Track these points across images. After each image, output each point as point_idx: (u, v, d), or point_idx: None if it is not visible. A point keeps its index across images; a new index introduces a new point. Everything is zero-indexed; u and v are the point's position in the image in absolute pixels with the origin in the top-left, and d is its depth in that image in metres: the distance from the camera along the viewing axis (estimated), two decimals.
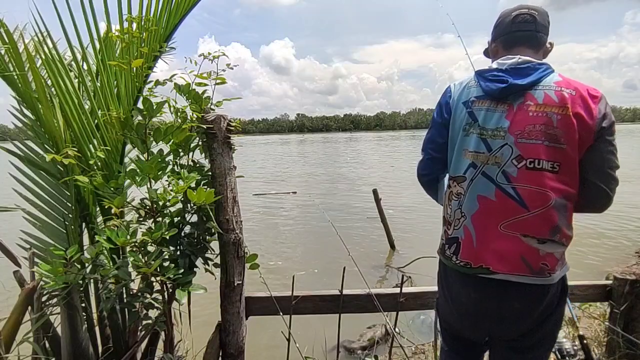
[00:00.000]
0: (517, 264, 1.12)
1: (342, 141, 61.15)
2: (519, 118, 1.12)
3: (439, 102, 1.33)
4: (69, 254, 1.40)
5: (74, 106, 1.60)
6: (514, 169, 1.12)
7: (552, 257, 1.12)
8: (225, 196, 1.58)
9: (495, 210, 1.14)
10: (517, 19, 1.21)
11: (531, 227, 1.11)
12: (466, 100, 1.23)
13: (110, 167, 1.68)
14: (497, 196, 1.14)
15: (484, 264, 1.15)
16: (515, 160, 1.11)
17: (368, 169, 18.44)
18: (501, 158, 1.13)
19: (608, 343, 1.95)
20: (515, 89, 1.14)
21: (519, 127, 1.12)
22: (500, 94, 1.15)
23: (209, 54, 1.57)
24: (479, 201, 1.17)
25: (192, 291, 1.48)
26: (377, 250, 6.05)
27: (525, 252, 1.11)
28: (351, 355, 3.18)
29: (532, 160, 1.10)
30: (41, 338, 1.65)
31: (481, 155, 1.17)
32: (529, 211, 1.10)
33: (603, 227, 6.80)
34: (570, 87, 1.11)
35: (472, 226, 1.19)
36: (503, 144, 1.13)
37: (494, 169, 1.14)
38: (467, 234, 1.20)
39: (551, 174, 1.09)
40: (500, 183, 1.13)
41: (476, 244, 1.17)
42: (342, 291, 1.83)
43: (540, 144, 1.09)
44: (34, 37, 1.68)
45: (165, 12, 1.66)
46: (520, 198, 1.11)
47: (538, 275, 1.11)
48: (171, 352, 1.67)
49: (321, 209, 8.25)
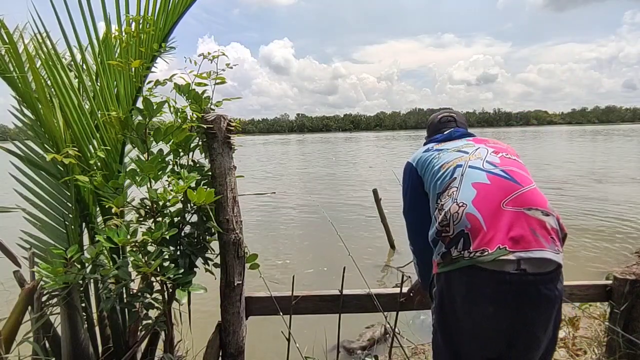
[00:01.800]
0: (530, 239, 1.09)
1: (340, 141, 61.13)
2: (475, 140, 1.46)
3: (404, 175, 1.56)
4: (69, 254, 1.40)
5: (74, 106, 1.60)
6: (495, 158, 1.31)
7: (557, 233, 1.15)
8: (225, 196, 1.58)
9: (493, 190, 1.20)
10: (442, 119, 1.66)
11: (532, 200, 1.17)
12: (425, 149, 1.53)
13: (110, 167, 1.68)
14: (490, 179, 1.23)
15: (500, 245, 1.08)
16: (493, 153, 1.33)
17: (368, 169, 18.45)
18: (480, 154, 1.33)
19: (608, 343, 1.95)
20: (458, 134, 1.54)
21: (482, 142, 1.43)
22: (449, 136, 1.55)
23: (209, 54, 1.57)
24: (475, 187, 1.21)
25: (192, 291, 1.48)
26: (377, 250, 6.04)
27: (534, 225, 1.12)
28: (351, 355, 3.18)
29: (507, 153, 1.34)
30: (41, 338, 1.65)
31: (463, 157, 1.35)
32: (522, 186, 1.19)
33: (603, 227, 6.80)
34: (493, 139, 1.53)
35: (476, 210, 1.16)
36: (477, 147, 1.38)
37: (478, 161, 1.30)
38: (473, 220, 1.15)
39: (525, 167, 1.30)
40: (488, 169, 1.27)
41: (486, 227, 1.13)
42: (342, 291, 1.83)
43: (505, 148, 1.40)
44: (33, 38, 1.68)
45: (162, 12, 1.66)
46: (511, 176, 1.22)
47: (550, 249, 1.10)
48: (171, 352, 1.67)
49: (321, 209, 8.24)
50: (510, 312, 1.10)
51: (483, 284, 1.11)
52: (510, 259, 1.07)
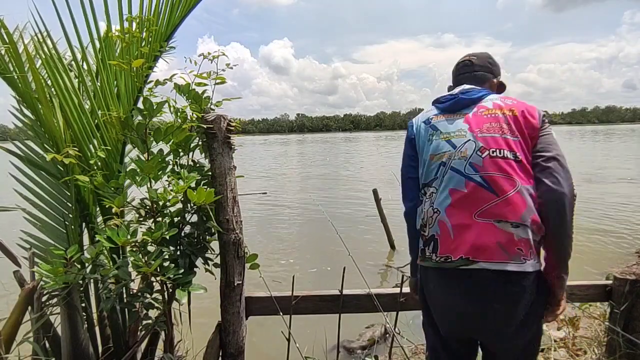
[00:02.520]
0: (494, 250, 1.15)
1: (340, 141, 61.12)
2: (475, 120, 1.29)
3: (406, 137, 1.49)
4: (69, 254, 1.40)
5: (74, 106, 1.60)
6: (479, 159, 1.22)
7: (526, 242, 1.15)
8: (225, 196, 1.58)
9: (467, 200, 1.21)
10: (459, 65, 1.50)
11: (503, 212, 1.16)
12: (426, 119, 1.41)
13: (111, 166, 1.68)
14: (468, 186, 1.21)
15: (463, 255, 1.18)
16: (479, 151, 1.23)
17: (367, 169, 18.44)
18: (466, 152, 1.25)
19: (608, 343, 1.95)
20: (464, 102, 1.34)
21: (477, 126, 1.27)
22: (452, 106, 1.36)
23: (209, 54, 1.57)
24: (451, 194, 1.24)
25: (192, 291, 1.48)
26: (377, 250, 6.04)
27: (500, 238, 1.15)
28: (351, 355, 3.18)
29: (494, 150, 1.21)
30: (41, 338, 1.65)
31: (448, 153, 1.29)
32: (498, 197, 1.17)
33: (603, 227, 6.80)
34: (509, 99, 1.32)
35: (447, 219, 1.23)
36: (466, 140, 1.27)
37: (461, 162, 1.25)
38: (443, 228, 1.24)
39: (514, 163, 1.19)
40: (469, 174, 1.22)
41: (453, 235, 1.21)
42: (342, 291, 1.83)
43: (498, 137, 1.23)
44: (33, 37, 1.68)
45: (166, 12, 1.66)
46: (489, 185, 1.19)
47: (514, 260, 1.13)
48: (171, 352, 1.67)
49: (321, 209, 8.24)
50: (471, 303, 1.21)
51: (448, 283, 1.25)
52: (471, 268, 1.18)
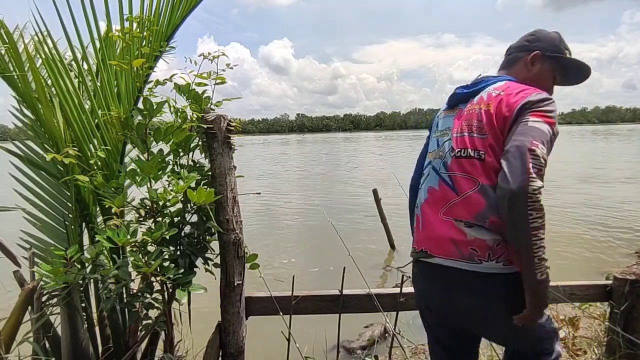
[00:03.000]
0: (448, 247, 1.19)
1: (339, 141, 61.13)
2: (459, 118, 1.29)
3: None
4: (69, 254, 1.40)
5: (74, 106, 1.60)
6: (449, 158, 1.25)
7: (482, 243, 1.13)
8: (225, 196, 1.58)
9: (438, 198, 1.26)
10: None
11: (460, 211, 1.18)
12: (437, 114, 1.46)
13: (111, 166, 1.68)
14: (439, 185, 1.27)
15: (424, 248, 1.27)
16: (451, 151, 1.25)
17: (366, 169, 18.44)
18: (444, 152, 1.29)
19: (608, 343, 1.95)
20: (460, 97, 1.33)
21: (457, 125, 1.27)
22: (450, 101, 1.38)
23: (209, 54, 1.57)
24: (428, 192, 1.32)
25: (192, 291, 1.48)
26: (377, 250, 6.04)
27: (454, 236, 1.18)
28: (351, 355, 3.18)
29: (459, 149, 1.22)
30: (41, 338, 1.65)
31: (434, 152, 1.35)
32: (458, 196, 1.19)
33: (603, 227, 6.80)
34: (501, 89, 1.21)
35: (421, 214, 1.33)
36: (447, 139, 1.30)
37: (438, 161, 1.30)
38: (417, 222, 1.35)
39: (478, 162, 1.17)
40: (441, 172, 1.27)
41: (422, 229, 1.31)
42: (342, 291, 1.83)
43: (466, 135, 1.22)
44: (34, 37, 1.68)
45: (167, 11, 1.66)
46: (453, 184, 1.22)
47: (467, 260, 1.14)
48: (171, 352, 1.67)
49: (321, 209, 8.24)
50: (434, 294, 1.29)
51: (417, 272, 1.36)
52: (430, 262, 1.25)
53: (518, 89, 1.17)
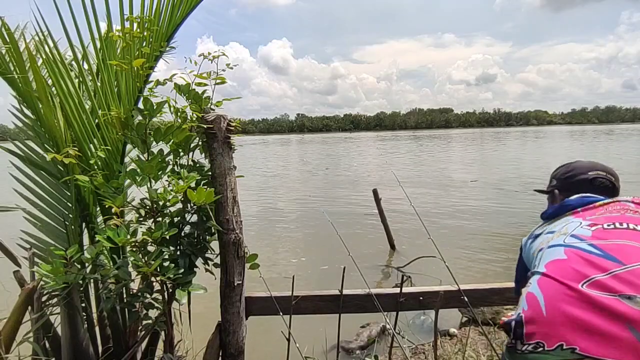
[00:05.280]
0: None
1: (339, 141, 61.12)
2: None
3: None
4: (69, 254, 1.40)
5: (75, 106, 1.60)
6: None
7: None
8: (225, 196, 1.58)
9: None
10: (595, 182, 1.17)
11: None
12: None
13: (111, 166, 1.68)
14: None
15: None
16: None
17: (366, 169, 18.44)
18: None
19: None
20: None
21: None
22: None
23: (209, 54, 1.57)
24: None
25: (192, 291, 1.48)
26: (377, 250, 6.04)
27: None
28: (350, 355, 3.18)
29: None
30: (41, 338, 1.65)
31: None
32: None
33: None
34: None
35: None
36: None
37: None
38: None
39: None
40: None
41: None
42: (342, 291, 1.82)
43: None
44: (34, 37, 1.68)
45: (167, 11, 1.66)
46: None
47: None
48: (171, 352, 1.67)
49: (321, 209, 8.25)
50: None
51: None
52: None
53: None
